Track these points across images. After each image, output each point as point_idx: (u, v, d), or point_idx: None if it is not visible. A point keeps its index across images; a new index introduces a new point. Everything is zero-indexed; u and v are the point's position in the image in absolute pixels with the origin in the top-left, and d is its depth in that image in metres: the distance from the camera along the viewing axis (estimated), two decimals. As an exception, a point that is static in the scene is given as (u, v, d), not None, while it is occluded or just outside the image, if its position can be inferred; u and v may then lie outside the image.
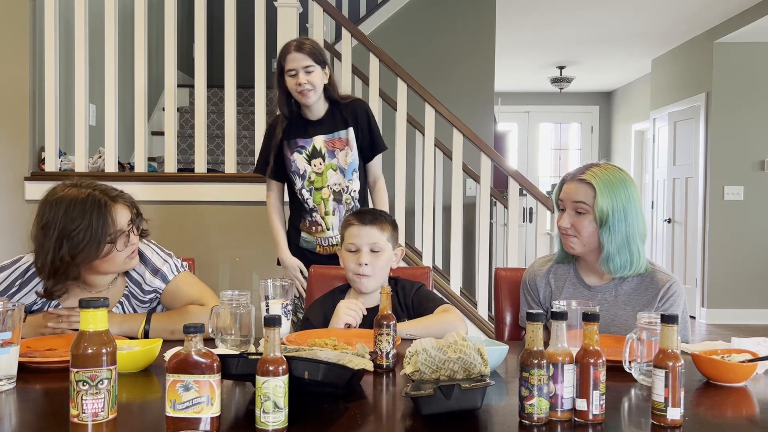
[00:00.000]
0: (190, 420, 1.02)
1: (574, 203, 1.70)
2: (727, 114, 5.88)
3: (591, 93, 9.23)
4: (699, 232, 6.06)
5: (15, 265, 1.76)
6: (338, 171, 2.51)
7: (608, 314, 1.73)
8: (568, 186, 1.74)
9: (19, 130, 3.35)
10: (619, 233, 1.67)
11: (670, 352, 1.09)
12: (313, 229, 2.52)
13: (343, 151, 2.51)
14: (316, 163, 2.50)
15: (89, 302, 1.02)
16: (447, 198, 3.96)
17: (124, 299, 1.79)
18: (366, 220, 1.89)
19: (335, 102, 2.52)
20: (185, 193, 3.39)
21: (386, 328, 1.43)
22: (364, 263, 1.84)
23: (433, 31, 4.91)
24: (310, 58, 2.39)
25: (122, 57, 3.54)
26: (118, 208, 1.66)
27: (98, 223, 1.61)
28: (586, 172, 1.72)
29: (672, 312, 1.67)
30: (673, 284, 1.70)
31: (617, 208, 1.66)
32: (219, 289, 1.59)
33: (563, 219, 1.73)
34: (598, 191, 1.67)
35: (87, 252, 1.60)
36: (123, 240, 1.67)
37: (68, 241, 1.59)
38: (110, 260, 1.67)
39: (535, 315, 1.10)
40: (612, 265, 1.69)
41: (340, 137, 2.51)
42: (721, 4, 5.28)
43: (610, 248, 1.68)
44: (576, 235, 1.71)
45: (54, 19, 3.31)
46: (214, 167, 4.26)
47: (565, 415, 1.10)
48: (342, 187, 2.52)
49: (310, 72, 2.40)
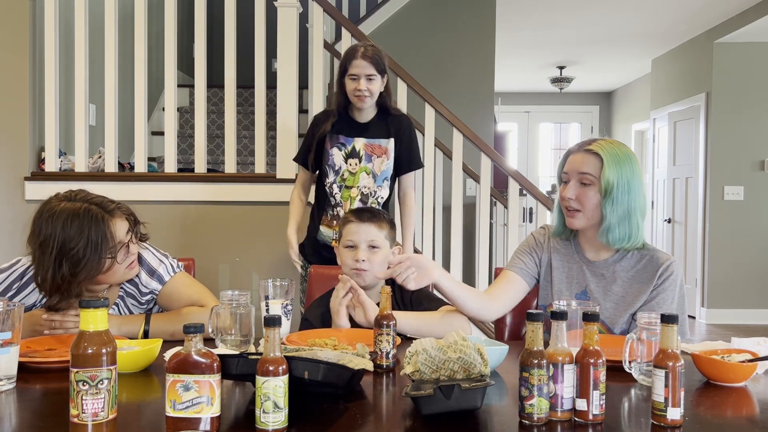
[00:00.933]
0: (190, 420, 1.02)
1: (580, 174, 1.71)
2: (727, 114, 5.88)
3: (591, 93, 9.23)
4: (699, 232, 6.06)
5: (12, 268, 1.76)
6: (371, 175, 2.60)
7: (605, 289, 1.75)
8: (575, 157, 1.74)
9: (19, 130, 3.35)
10: (621, 206, 1.68)
11: (670, 352, 1.09)
12: (334, 223, 2.59)
13: (380, 158, 2.59)
14: (352, 162, 2.58)
15: (89, 302, 1.02)
16: (447, 198, 3.96)
17: (119, 300, 1.79)
18: (364, 217, 1.91)
19: (384, 110, 2.62)
20: (185, 193, 3.39)
21: (386, 328, 1.43)
22: (362, 259, 1.85)
23: (433, 31, 4.90)
24: (373, 67, 2.48)
25: (122, 57, 3.54)
26: (116, 221, 1.65)
27: (97, 238, 1.59)
28: (592, 143, 1.73)
29: (669, 292, 1.70)
30: (672, 264, 1.72)
31: (622, 180, 1.68)
32: (219, 289, 1.59)
33: (568, 190, 1.73)
34: (606, 162, 1.68)
35: (88, 269, 1.59)
36: (123, 252, 1.67)
37: (68, 260, 1.57)
38: (111, 273, 1.67)
39: (535, 315, 1.10)
40: (611, 237, 1.71)
41: (380, 144, 2.60)
42: (721, 4, 5.28)
43: (611, 219, 1.69)
44: (579, 208, 1.72)
45: (54, 19, 3.31)
46: (214, 167, 4.27)
47: (565, 415, 1.10)
48: (371, 191, 2.60)
49: (372, 80, 2.49)
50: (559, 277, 1.82)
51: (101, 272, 1.63)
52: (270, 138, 4.13)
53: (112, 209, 1.66)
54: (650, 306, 1.69)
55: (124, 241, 1.66)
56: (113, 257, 1.63)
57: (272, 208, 3.35)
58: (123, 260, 1.67)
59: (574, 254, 1.82)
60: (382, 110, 2.62)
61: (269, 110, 4.13)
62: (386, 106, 2.61)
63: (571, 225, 1.75)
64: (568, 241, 1.84)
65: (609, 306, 1.73)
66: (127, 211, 1.71)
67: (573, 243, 1.84)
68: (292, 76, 3.35)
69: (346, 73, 2.51)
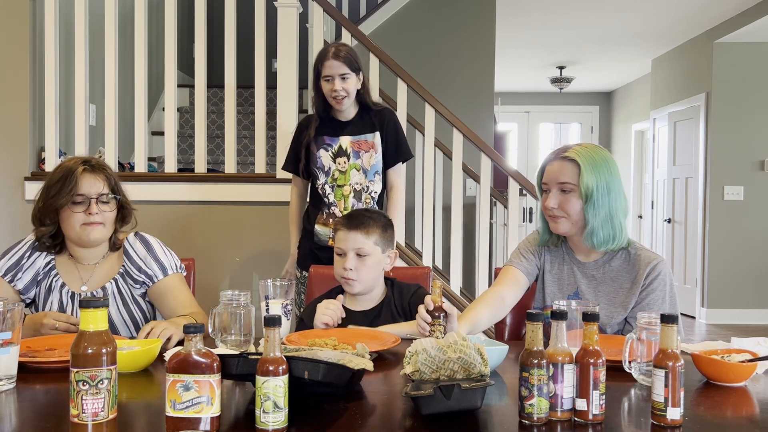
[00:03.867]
0: (190, 420, 1.02)
1: (560, 183, 1.72)
2: (727, 114, 5.88)
3: (591, 93, 9.23)
4: (699, 232, 6.06)
5: (21, 242, 1.90)
6: (361, 171, 2.60)
7: (596, 290, 1.77)
8: (552, 166, 1.75)
9: (19, 130, 3.35)
10: (603, 208, 1.70)
11: (670, 352, 1.09)
12: (330, 221, 2.58)
13: (368, 153, 2.60)
14: (340, 161, 2.59)
15: (89, 302, 1.02)
16: (447, 198, 3.96)
17: (119, 276, 1.86)
18: (352, 225, 1.90)
19: (366, 107, 2.63)
20: (185, 193, 3.39)
21: (437, 319, 1.53)
22: (349, 268, 1.85)
23: (433, 31, 4.90)
24: (346, 66, 2.49)
25: (122, 57, 3.54)
26: (87, 175, 1.80)
27: (61, 176, 1.79)
28: (568, 150, 1.74)
29: (658, 292, 1.71)
30: (658, 263, 1.73)
31: (601, 184, 1.69)
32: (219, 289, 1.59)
33: (550, 199, 1.74)
34: (583, 168, 1.69)
35: (53, 201, 1.78)
36: (83, 206, 1.78)
37: (44, 192, 1.82)
38: (68, 219, 1.79)
39: (535, 315, 1.10)
40: (595, 239, 1.72)
41: (366, 140, 2.61)
42: (721, 4, 5.28)
43: (594, 223, 1.70)
44: (564, 215, 1.73)
45: (54, 19, 3.31)
46: (214, 167, 4.27)
47: (565, 415, 1.10)
48: (363, 187, 2.60)
49: (346, 79, 2.50)
50: (552, 280, 1.83)
51: (61, 210, 1.78)
52: (270, 138, 4.13)
53: (93, 165, 1.83)
54: (641, 308, 1.70)
55: (86, 194, 1.78)
56: (71, 199, 1.77)
57: (272, 208, 3.35)
58: (79, 212, 1.78)
59: (565, 256, 1.84)
60: (363, 107, 2.63)
61: (269, 110, 4.12)
62: (366, 102, 2.62)
63: (556, 230, 1.76)
64: (558, 245, 1.85)
65: (601, 307, 1.73)
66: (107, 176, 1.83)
67: (563, 246, 1.85)
68: (292, 76, 3.35)
69: (320, 75, 2.52)
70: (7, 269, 1.84)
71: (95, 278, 1.86)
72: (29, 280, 1.85)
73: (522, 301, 1.91)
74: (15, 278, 1.84)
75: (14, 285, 1.84)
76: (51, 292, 1.85)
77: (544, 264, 1.85)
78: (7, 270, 1.84)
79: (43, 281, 1.86)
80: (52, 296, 1.85)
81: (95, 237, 1.81)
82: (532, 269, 1.85)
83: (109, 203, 1.82)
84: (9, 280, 1.84)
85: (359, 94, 2.58)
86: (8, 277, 1.84)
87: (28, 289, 1.86)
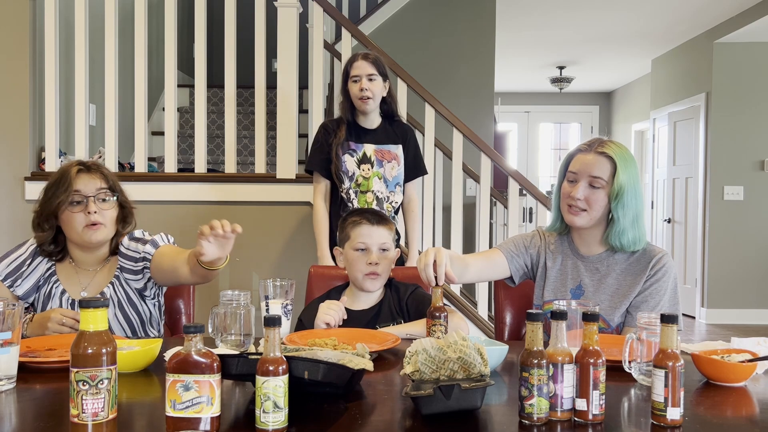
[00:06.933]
0: (190, 420, 1.02)
1: (592, 177, 1.70)
2: (727, 114, 5.88)
3: (591, 93, 9.23)
4: (699, 232, 6.06)
5: (23, 247, 1.89)
6: (383, 180, 2.65)
7: (599, 283, 1.76)
8: (585, 157, 1.73)
9: (19, 130, 3.35)
10: (631, 209, 1.70)
11: (670, 352, 1.09)
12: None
13: (390, 164, 2.67)
14: (365, 168, 2.64)
15: (89, 302, 1.02)
16: (447, 198, 3.96)
17: (115, 279, 1.86)
18: (375, 220, 1.91)
19: (389, 117, 2.70)
20: (185, 193, 3.39)
21: (438, 320, 1.54)
22: (376, 262, 1.85)
23: (433, 31, 4.90)
24: (373, 67, 2.59)
25: (122, 57, 3.54)
26: (83, 175, 1.81)
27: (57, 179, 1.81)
28: (603, 145, 1.72)
29: (662, 283, 1.71)
30: (664, 256, 1.73)
31: (630, 184, 1.69)
32: (219, 289, 1.59)
33: (577, 190, 1.71)
34: (619, 166, 1.68)
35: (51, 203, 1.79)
36: (81, 205, 1.78)
37: (41, 196, 1.83)
38: (68, 221, 1.79)
39: (535, 315, 1.10)
40: (625, 240, 1.71)
41: (389, 150, 2.67)
42: (721, 4, 5.28)
43: (625, 223, 1.70)
44: (586, 209, 1.71)
45: (54, 19, 3.31)
46: (214, 167, 4.27)
47: (565, 415, 1.10)
48: (384, 196, 2.66)
49: (373, 80, 2.58)
50: (555, 275, 1.82)
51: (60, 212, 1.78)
52: (270, 138, 4.13)
53: (89, 166, 1.84)
54: (644, 296, 1.70)
55: (84, 193, 1.78)
56: (68, 199, 1.77)
57: (272, 208, 3.35)
58: (78, 212, 1.78)
59: (567, 250, 1.83)
60: (386, 117, 2.70)
61: (269, 110, 4.12)
62: (391, 112, 2.69)
63: (573, 223, 1.75)
64: (561, 239, 1.84)
65: (604, 299, 1.74)
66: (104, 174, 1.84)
67: (566, 240, 1.84)
68: (292, 76, 3.35)
69: (348, 76, 2.59)
70: (7, 275, 1.84)
71: (94, 284, 1.86)
72: (30, 287, 1.85)
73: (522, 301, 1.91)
74: (15, 284, 1.84)
75: (14, 291, 1.83)
76: (51, 298, 1.85)
77: (545, 262, 1.84)
78: (7, 275, 1.84)
79: (43, 287, 1.86)
80: (51, 303, 1.84)
81: (98, 238, 1.81)
82: (517, 259, 1.84)
83: (107, 201, 1.82)
84: (9, 285, 1.83)
85: (385, 103, 2.65)
86: (8, 282, 1.83)
87: (28, 295, 1.85)
